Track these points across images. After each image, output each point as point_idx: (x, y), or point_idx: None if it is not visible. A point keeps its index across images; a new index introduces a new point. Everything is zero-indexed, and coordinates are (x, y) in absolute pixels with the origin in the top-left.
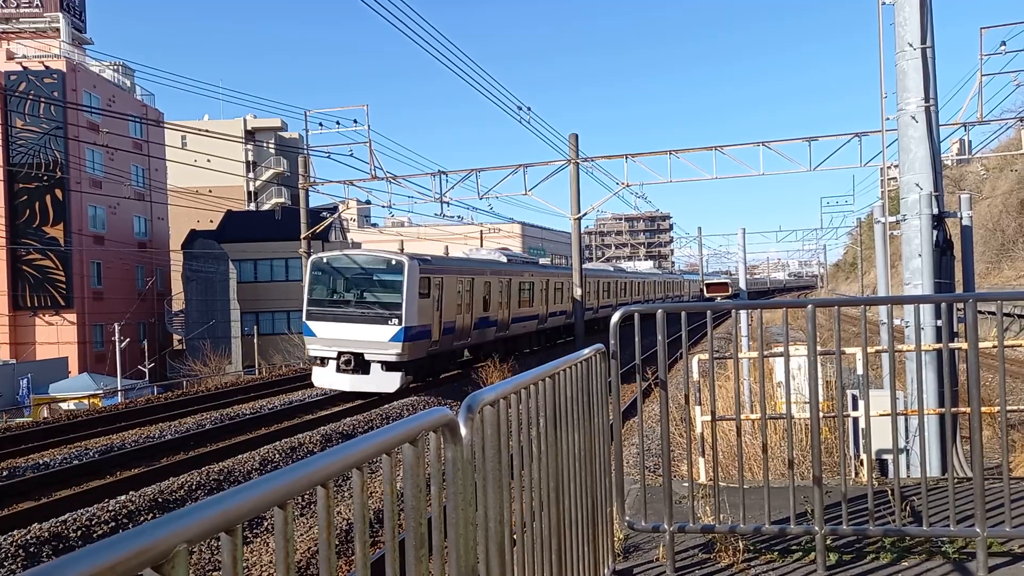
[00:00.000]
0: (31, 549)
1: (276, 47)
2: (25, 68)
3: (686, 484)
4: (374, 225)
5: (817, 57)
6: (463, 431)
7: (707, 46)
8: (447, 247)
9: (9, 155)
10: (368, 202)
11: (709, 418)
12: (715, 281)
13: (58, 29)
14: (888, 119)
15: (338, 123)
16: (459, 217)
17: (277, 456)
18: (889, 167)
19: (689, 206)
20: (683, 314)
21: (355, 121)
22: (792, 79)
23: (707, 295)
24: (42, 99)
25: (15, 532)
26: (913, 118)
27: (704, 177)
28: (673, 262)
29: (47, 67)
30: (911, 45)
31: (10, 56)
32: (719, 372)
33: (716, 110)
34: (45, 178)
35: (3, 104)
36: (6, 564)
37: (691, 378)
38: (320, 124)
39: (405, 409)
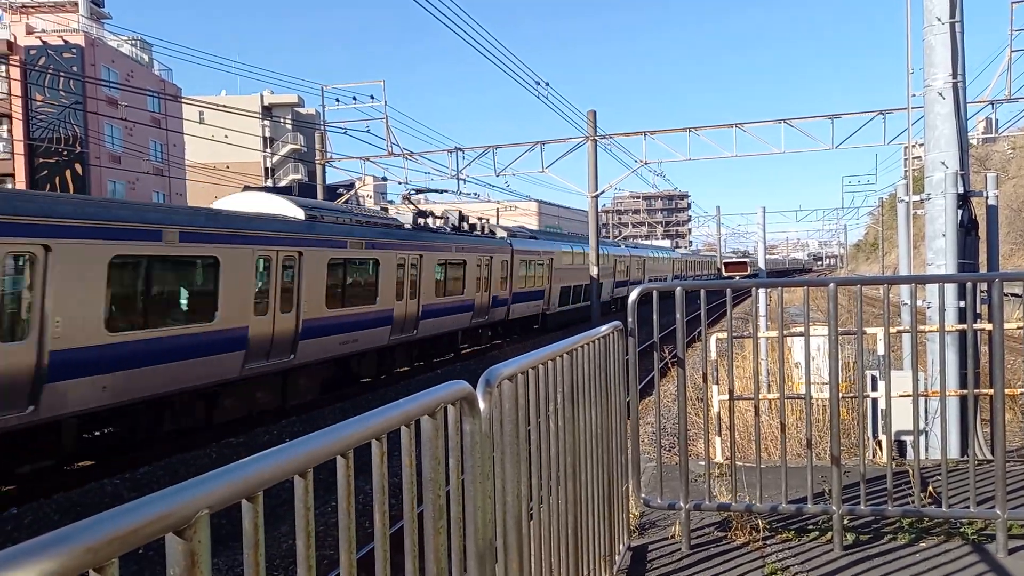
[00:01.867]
0: (55, 518)
1: (293, 22)
2: (44, 43)
3: (702, 463)
4: (391, 202)
5: (842, 32)
6: (481, 405)
7: (728, 22)
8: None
9: (30, 130)
10: (384, 179)
11: (727, 397)
12: (734, 260)
13: (76, 3)
14: (914, 96)
15: (355, 99)
16: (475, 194)
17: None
18: (914, 145)
19: (708, 184)
20: (702, 292)
21: (372, 97)
22: (815, 55)
23: (726, 274)
24: (61, 74)
25: (39, 500)
26: (940, 94)
27: (724, 155)
28: (691, 241)
29: (66, 42)
30: (939, 19)
31: (29, 31)
32: (737, 352)
33: (736, 87)
34: (65, 153)
35: (23, 79)
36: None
37: (709, 357)
38: (337, 100)
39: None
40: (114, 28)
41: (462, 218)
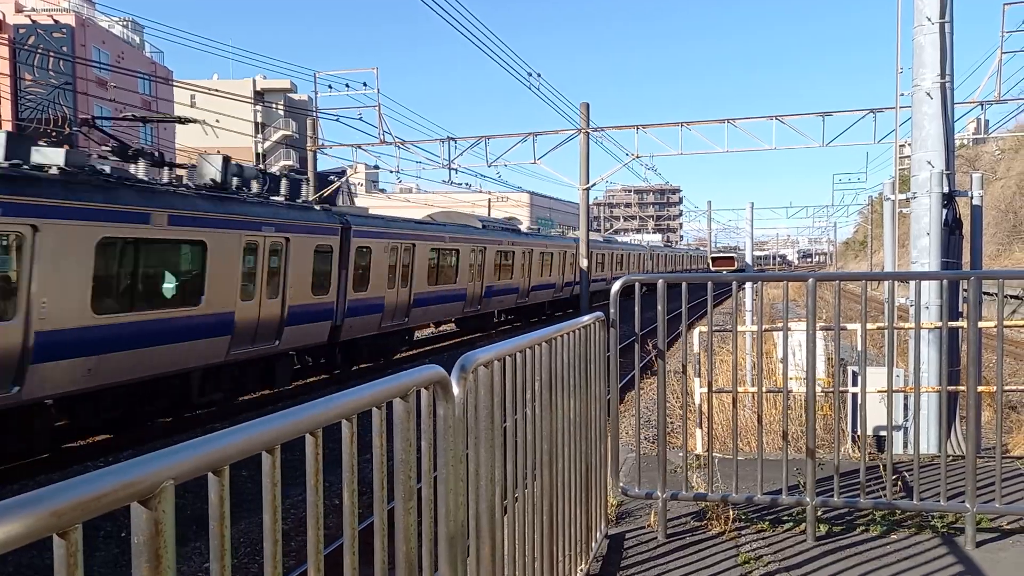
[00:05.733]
0: None
1: (285, 6)
2: (34, 22)
3: (681, 454)
4: (382, 191)
5: (834, 30)
6: (455, 389)
7: (721, 16)
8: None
9: (18, 110)
10: (376, 167)
11: (707, 390)
12: (721, 255)
13: None
14: (903, 95)
15: (347, 86)
16: (467, 184)
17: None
18: (903, 144)
19: (699, 179)
20: (684, 285)
21: (364, 84)
22: (807, 52)
23: (713, 268)
24: (51, 53)
25: (24, 481)
26: (928, 94)
27: (715, 150)
28: (682, 236)
29: (56, 21)
30: (929, 19)
31: (19, 9)
32: (721, 346)
33: (728, 84)
34: (54, 134)
35: (12, 58)
36: None
37: (691, 350)
38: (329, 86)
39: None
40: (105, 8)
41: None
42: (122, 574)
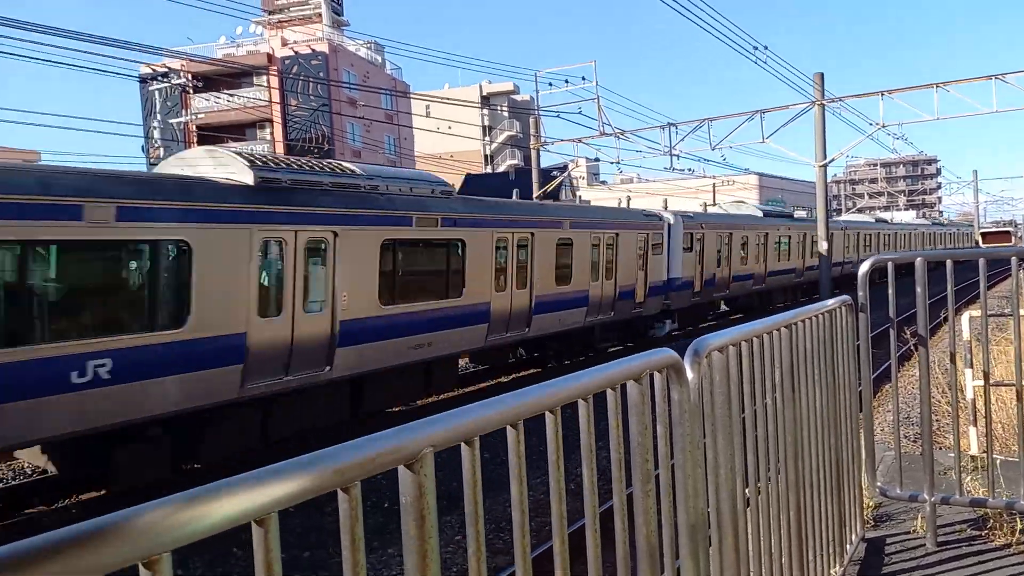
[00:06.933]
0: None
1: (509, 11)
2: (296, 53)
3: (950, 455)
4: (603, 182)
5: None
6: (689, 374)
7: None
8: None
9: (287, 131)
10: (597, 159)
11: (981, 382)
12: (993, 230)
13: (320, 14)
14: None
15: (567, 81)
16: (690, 170)
17: None
18: None
19: (961, 147)
20: (948, 263)
21: (583, 78)
22: None
23: (984, 245)
24: (310, 79)
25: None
26: None
27: (980, 112)
28: (941, 211)
29: (313, 50)
30: None
31: (284, 43)
32: (997, 334)
33: (992, 33)
34: (316, 150)
35: (281, 87)
36: None
37: (961, 337)
38: (550, 84)
39: None
40: (352, 33)
41: None
42: (386, 540)
